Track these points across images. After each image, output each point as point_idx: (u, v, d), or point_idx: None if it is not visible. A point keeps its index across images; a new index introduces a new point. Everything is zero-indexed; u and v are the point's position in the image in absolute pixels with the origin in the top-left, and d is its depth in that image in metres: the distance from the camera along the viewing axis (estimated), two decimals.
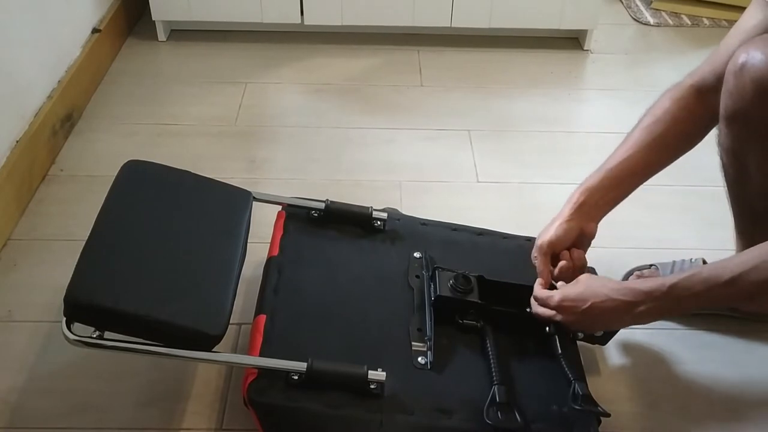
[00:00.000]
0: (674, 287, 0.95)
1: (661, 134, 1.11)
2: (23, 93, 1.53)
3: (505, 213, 1.51)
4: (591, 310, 1.01)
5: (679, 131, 1.12)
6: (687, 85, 1.12)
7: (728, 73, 1.02)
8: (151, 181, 1.17)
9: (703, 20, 2.28)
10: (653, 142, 1.12)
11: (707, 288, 0.93)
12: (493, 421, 0.97)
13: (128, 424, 1.09)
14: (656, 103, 1.15)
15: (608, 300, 1.00)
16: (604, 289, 1.01)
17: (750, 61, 0.98)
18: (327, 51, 2.05)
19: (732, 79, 1.01)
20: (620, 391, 1.17)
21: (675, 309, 1.05)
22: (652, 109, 1.14)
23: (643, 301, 0.97)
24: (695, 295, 0.94)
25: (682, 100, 1.11)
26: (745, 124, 1.03)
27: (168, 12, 2.00)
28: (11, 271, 1.33)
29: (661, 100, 1.14)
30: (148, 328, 0.97)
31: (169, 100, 1.84)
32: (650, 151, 1.12)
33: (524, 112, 1.85)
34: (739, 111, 1.02)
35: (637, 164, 1.12)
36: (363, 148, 1.69)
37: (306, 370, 0.97)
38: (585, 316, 1.02)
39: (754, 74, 0.97)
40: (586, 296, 1.02)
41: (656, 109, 1.13)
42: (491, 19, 2.02)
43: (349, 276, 1.17)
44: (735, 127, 1.04)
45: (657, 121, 1.12)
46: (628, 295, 0.99)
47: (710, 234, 1.46)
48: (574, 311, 1.03)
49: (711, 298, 0.97)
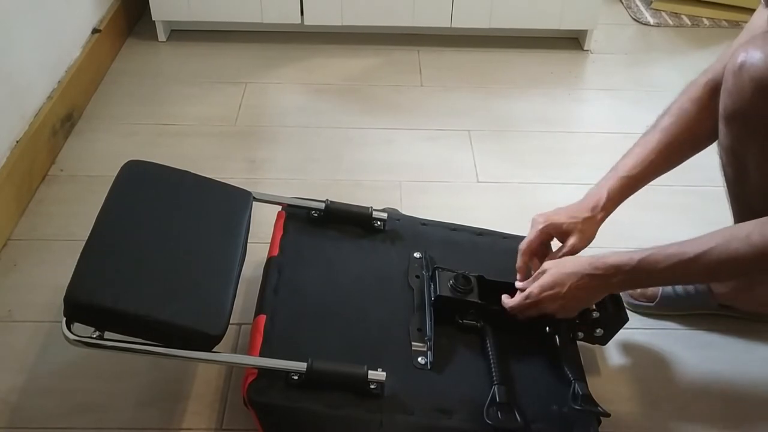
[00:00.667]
0: (642, 261, 1.00)
1: (682, 135, 1.12)
2: (23, 93, 1.53)
3: (505, 213, 1.51)
4: (570, 292, 1.05)
5: (698, 131, 1.12)
6: (702, 83, 1.12)
7: (727, 72, 1.02)
8: (151, 181, 1.17)
9: (703, 20, 2.28)
10: (674, 144, 1.12)
11: (672, 263, 0.98)
12: (493, 421, 0.97)
13: (128, 424, 1.09)
14: (675, 103, 1.14)
15: (584, 277, 1.04)
16: (577, 268, 1.05)
17: (749, 60, 0.98)
18: (327, 51, 2.05)
19: (731, 78, 1.01)
20: (620, 391, 1.17)
21: (645, 281, 1.10)
22: (670, 110, 1.14)
23: (614, 273, 1.02)
24: (662, 270, 0.99)
25: (700, 100, 1.11)
26: (744, 123, 1.03)
27: (168, 12, 2.00)
28: (11, 271, 1.33)
29: (679, 100, 1.14)
30: (148, 328, 0.97)
31: (169, 100, 1.84)
32: (671, 154, 1.13)
33: (524, 112, 1.85)
34: (738, 110, 1.02)
35: (657, 167, 1.13)
36: (363, 148, 1.69)
37: (306, 370, 0.97)
38: (566, 299, 1.05)
39: (753, 73, 0.97)
40: (563, 280, 1.05)
41: (675, 110, 1.13)
42: (491, 19, 2.02)
43: (349, 276, 1.17)
44: (734, 126, 1.04)
45: (676, 122, 1.12)
46: (600, 269, 1.03)
47: None
48: (555, 298, 1.06)
49: (676, 273, 1.01)
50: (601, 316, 1.11)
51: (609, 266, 1.03)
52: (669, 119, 1.13)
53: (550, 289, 1.06)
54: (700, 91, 1.11)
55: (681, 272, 1.00)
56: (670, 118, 1.13)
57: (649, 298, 1.30)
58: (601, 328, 1.13)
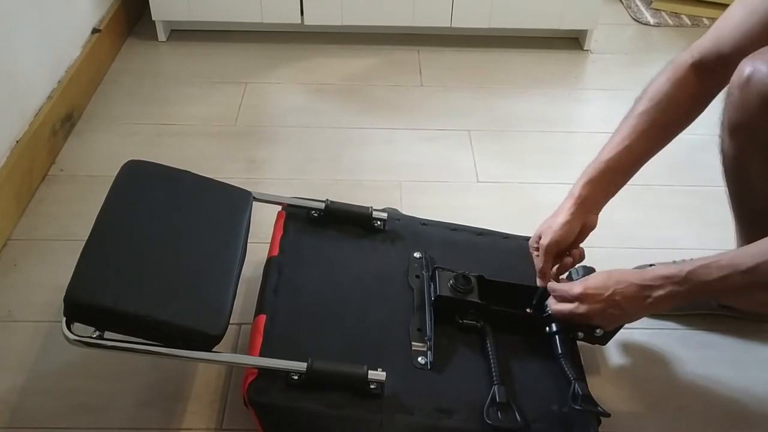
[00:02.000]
0: (692, 273, 0.97)
1: (660, 119, 1.09)
2: (23, 93, 1.53)
3: (505, 213, 1.51)
4: (613, 296, 1.02)
5: (677, 114, 1.10)
6: (686, 64, 1.08)
7: (733, 85, 1.01)
8: (151, 181, 1.17)
9: (703, 20, 2.28)
10: (652, 128, 1.10)
11: (725, 275, 0.95)
12: (493, 421, 0.97)
13: (128, 424, 1.09)
14: (652, 84, 1.11)
15: (630, 285, 1.01)
16: (626, 276, 1.03)
17: (756, 75, 0.97)
18: (327, 51, 2.05)
19: (737, 92, 1.00)
20: (620, 391, 1.17)
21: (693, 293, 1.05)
22: (648, 92, 1.11)
23: (661, 285, 0.99)
24: (713, 282, 0.95)
25: (681, 81, 1.08)
26: (749, 136, 1.02)
27: (168, 12, 2.00)
28: (11, 271, 1.33)
29: (658, 81, 1.11)
30: (148, 328, 0.97)
31: (169, 100, 1.84)
32: (649, 138, 1.10)
33: (524, 112, 1.85)
34: (744, 123, 1.01)
35: (636, 152, 1.11)
36: (363, 148, 1.69)
37: (306, 370, 0.97)
38: (608, 303, 1.03)
39: (761, 88, 0.96)
40: (608, 284, 1.03)
41: (653, 92, 1.10)
42: (491, 19, 2.02)
43: (349, 276, 1.17)
44: (739, 138, 1.03)
45: (655, 106, 1.09)
46: (647, 280, 1.00)
47: (710, 234, 1.46)
48: (598, 299, 1.03)
49: (728, 286, 0.97)
50: None
51: (657, 276, 1.00)
52: (646, 103, 1.10)
53: (594, 289, 1.04)
54: (683, 72, 1.08)
55: (732, 284, 0.96)
56: (648, 102, 1.10)
57: None
58: (601, 328, 1.13)
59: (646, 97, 1.11)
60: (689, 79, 1.08)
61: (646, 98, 1.11)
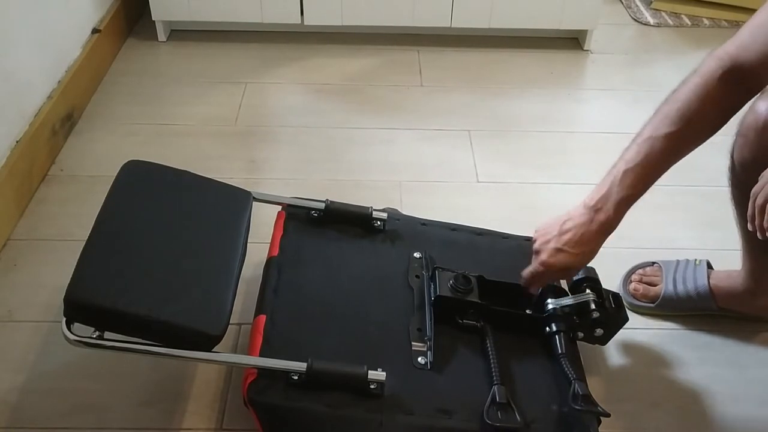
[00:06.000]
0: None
1: (692, 142, 1.04)
2: (23, 93, 1.53)
3: (505, 213, 1.51)
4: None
5: (707, 133, 1.04)
6: (716, 76, 1.00)
7: (748, 126, 1.00)
8: (151, 181, 1.17)
9: (703, 20, 2.28)
10: (681, 152, 1.05)
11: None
12: (493, 421, 0.97)
13: (128, 424, 1.09)
14: (681, 99, 1.03)
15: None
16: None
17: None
18: (327, 51, 2.05)
19: (753, 134, 0.99)
20: (620, 391, 1.17)
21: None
22: (678, 110, 1.03)
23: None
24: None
25: (713, 99, 1.01)
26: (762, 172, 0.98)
27: (168, 12, 2.00)
28: (11, 271, 1.33)
29: (688, 98, 1.02)
30: (148, 328, 0.97)
31: (169, 100, 1.84)
32: (674, 160, 1.06)
33: (524, 112, 1.85)
34: (758, 162, 0.99)
35: (658, 177, 1.07)
36: (363, 148, 1.69)
37: (306, 370, 0.97)
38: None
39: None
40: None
41: (684, 111, 1.02)
42: (491, 19, 2.02)
43: (349, 276, 1.17)
44: (751, 173, 0.99)
45: (688, 128, 1.02)
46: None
47: (710, 234, 1.46)
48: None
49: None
50: (601, 316, 1.11)
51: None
52: (679, 124, 1.02)
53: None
54: (713, 88, 1.00)
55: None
56: (681, 123, 1.02)
57: (650, 298, 1.30)
58: (601, 328, 1.13)
59: (677, 115, 1.02)
60: (719, 93, 1.00)
61: (677, 117, 1.02)
